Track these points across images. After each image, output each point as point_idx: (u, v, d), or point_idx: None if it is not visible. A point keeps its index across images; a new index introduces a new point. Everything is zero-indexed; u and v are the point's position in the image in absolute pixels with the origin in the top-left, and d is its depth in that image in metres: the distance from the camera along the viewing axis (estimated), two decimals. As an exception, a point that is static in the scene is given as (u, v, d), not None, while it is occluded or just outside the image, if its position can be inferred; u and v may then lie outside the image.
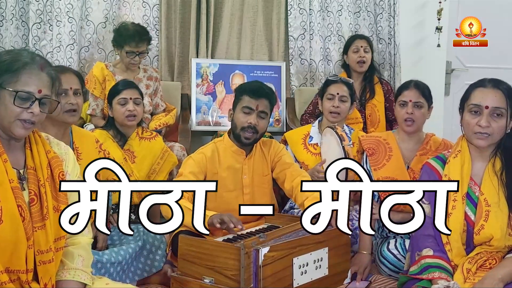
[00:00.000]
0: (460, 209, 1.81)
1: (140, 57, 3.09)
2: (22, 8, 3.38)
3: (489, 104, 1.78)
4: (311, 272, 1.87)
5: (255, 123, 2.25)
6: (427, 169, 1.96)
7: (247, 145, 2.31)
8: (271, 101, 2.32)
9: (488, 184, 1.82)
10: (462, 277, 1.73)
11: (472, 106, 1.81)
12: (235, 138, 2.32)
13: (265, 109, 2.28)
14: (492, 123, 1.78)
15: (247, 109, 2.26)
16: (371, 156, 2.40)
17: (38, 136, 1.52)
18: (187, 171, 2.20)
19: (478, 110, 1.80)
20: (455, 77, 4.20)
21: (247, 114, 2.26)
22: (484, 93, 1.80)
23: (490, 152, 1.86)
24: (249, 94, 2.27)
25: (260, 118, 2.27)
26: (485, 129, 1.78)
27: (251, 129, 2.25)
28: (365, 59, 3.33)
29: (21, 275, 1.38)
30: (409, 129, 2.36)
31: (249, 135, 2.26)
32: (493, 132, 1.78)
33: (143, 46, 3.07)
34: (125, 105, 2.52)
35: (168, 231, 1.56)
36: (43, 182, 1.45)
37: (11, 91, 1.37)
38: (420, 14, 3.96)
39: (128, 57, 3.05)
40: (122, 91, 2.54)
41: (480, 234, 1.79)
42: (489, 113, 1.78)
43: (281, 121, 3.56)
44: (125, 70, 3.15)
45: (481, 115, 1.79)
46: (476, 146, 1.84)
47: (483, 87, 1.82)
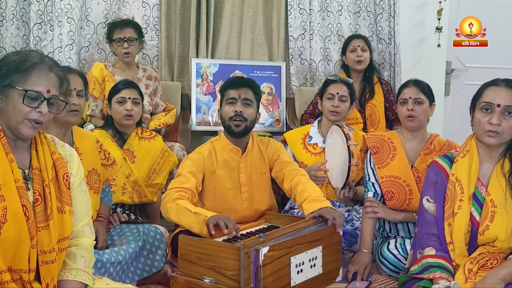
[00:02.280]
0: (466, 210, 1.81)
1: (129, 45, 3.09)
2: (22, 8, 3.39)
3: (501, 102, 1.77)
4: (307, 271, 1.88)
5: (241, 110, 2.27)
6: (434, 168, 1.95)
7: (239, 134, 2.30)
8: (254, 90, 2.34)
9: (495, 185, 1.82)
10: (463, 277, 1.72)
11: (484, 104, 1.81)
12: (227, 131, 2.33)
13: (249, 96, 2.30)
14: (503, 121, 1.77)
15: (231, 99, 2.30)
16: (375, 155, 2.40)
17: (43, 137, 1.53)
18: (185, 171, 2.21)
19: (489, 107, 1.79)
20: (455, 77, 4.20)
21: (231, 104, 2.29)
22: (496, 91, 1.80)
23: (499, 153, 1.85)
24: (230, 87, 2.32)
25: (246, 105, 2.29)
26: (496, 127, 1.77)
27: (238, 116, 2.26)
28: (363, 58, 3.33)
29: (24, 274, 1.38)
30: (411, 125, 2.36)
31: (238, 123, 2.27)
32: (503, 130, 1.78)
33: (129, 32, 3.09)
34: (123, 104, 2.52)
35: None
36: (47, 182, 1.46)
37: (21, 90, 1.39)
38: (420, 14, 3.96)
39: (117, 45, 3.08)
40: (121, 90, 2.55)
41: (484, 235, 1.79)
42: (501, 111, 1.77)
43: (281, 121, 3.56)
44: (124, 70, 3.15)
45: (492, 113, 1.78)
46: (486, 144, 1.83)
47: (495, 86, 1.82)
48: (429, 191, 1.91)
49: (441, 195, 1.87)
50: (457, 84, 4.17)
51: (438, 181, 1.90)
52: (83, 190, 1.61)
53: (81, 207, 1.57)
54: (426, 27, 3.94)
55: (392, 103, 3.38)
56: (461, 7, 4.07)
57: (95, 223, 2.09)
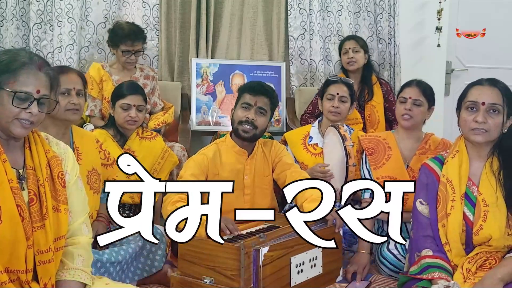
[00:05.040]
0: (458, 209, 1.82)
1: (136, 56, 3.10)
2: (22, 8, 3.39)
3: (486, 101, 1.79)
4: (307, 271, 1.88)
5: (253, 118, 2.27)
6: (425, 170, 1.96)
7: (246, 139, 2.30)
8: (271, 100, 2.34)
9: (486, 184, 1.82)
10: (462, 277, 1.73)
11: (469, 103, 1.83)
12: (234, 134, 2.33)
13: (264, 106, 2.30)
14: (488, 119, 1.79)
15: (246, 104, 2.30)
16: (371, 156, 2.40)
17: (37, 135, 1.52)
18: (187, 173, 2.21)
19: (474, 106, 1.81)
20: (455, 77, 4.20)
21: (245, 109, 2.29)
22: (480, 90, 1.82)
23: (487, 151, 1.86)
24: (248, 92, 2.31)
25: (259, 114, 2.29)
26: (482, 125, 1.78)
27: (248, 123, 2.27)
28: (354, 59, 3.32)
29: (21, 275, 1.37)
30: (406, 124, 2.37)
31: (247, 128, 2.27)
32: (489, 128, 1.79)
33: (138, 44, 3.09)
34: (128, 111, 2.52)
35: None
36: (42, 182, 1.45)
37: (10, 92, 1.37)
38: (420, 14, 3.96)
39: (124, 56, 3.06)
40: (127, 96, 2.53)
41: (479, 235, 1.79)
42: (486, 109, 1.79)
43: (281, 121, 3.56)
44: (121, 70, 3.15)
45: (477, 112, 1.80)
46: (473, 143, 1.85)
47: (480, 85, 1.85)
48: (421, 193, 1.92)
49: (433, 196, 1.88)
50: (457, 84, 4.16)
51: (429, 183, 1.91)
52: (79, 187, 1.59)
53: (77, 205, 1.55)
54: (426, 27, 3.94)
55: (391, 103, 3.38)
56: (461, 7, 4.07)
57: (95, 223, 2.09)
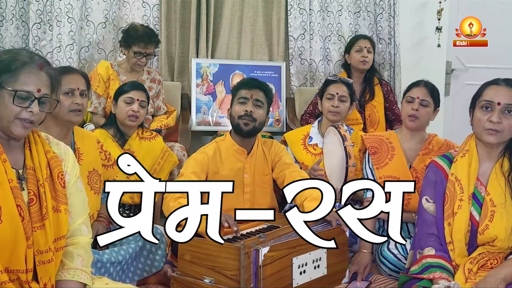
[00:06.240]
0: (466, 209, 1.81)
1: (147, 59, 3.11)
2: (22, 8, 3.39)
3: (502, 101, 1.77)
4: (310, 272, 1.87)
5: (251, 110, 2.28)
6: (433, 168, 1.94)
7: (247, 134, 2.31)
8: (266, 93, 2.36)
9: (494, 185, 1.81)
10: (463, 277, 1.72)
11: (484, 103, 1.80)
12: (234, 130, 2.33)
13: (260, 98, 2.32)
14: (503, 120, 1.77)
15: (242, 99, 2.32)
16: (374, 155, 2.40)
17: (37, 136, 1.52)
18: (188, 171, 2.21)
19: (489, 106, 1.79)
20: (455, 77, 4.21)
21: (242, 103, 2.31)
22: (497, 90, 1.80)
23: (498, 152, 1.85)
24: (243, 87, 2.34)
25: (257, 106, 2.31)
26: (496, 125, 1.77)
27: (247, 116, 2.28)
28: (368, 59, 3.33)
29: (21, 275, 1.37)
30: (411, 125, 2.36)
31: (247, 121, 2.28)
32: (503, 129, 1.77)
33: (151, 47, 3.09)
34: (131, 105, 2.53)
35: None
36: (42, 182, 1.45)
37: (10, 91, 1.37)
38: (420, 14, 3.97)
39: (136, 57, 3.06)
40: (130, 91, 2.56)
41: (484, 234, 1.78)
42: (501, 109, 1.77)
43: (281, 121, 3.56)
44: (129, 71, 3.15)
45: (492, 111, 1.78)
46: (485, 143, 1.83)
47: (496, 85, 1.82)
48: (428, 191, 1.91)
49: (441, 195, 1.87)
50: (457, 84, 4.17)
51: (437, 181, 1.90)
52: (79, 188, 1.59)
53: (77, 205, 1.55)
54: (426, 27, 3.95)
55: (392, 103, 3.38)
56: (461, 7, 4.07)
57: (95, 223, 2.09)
